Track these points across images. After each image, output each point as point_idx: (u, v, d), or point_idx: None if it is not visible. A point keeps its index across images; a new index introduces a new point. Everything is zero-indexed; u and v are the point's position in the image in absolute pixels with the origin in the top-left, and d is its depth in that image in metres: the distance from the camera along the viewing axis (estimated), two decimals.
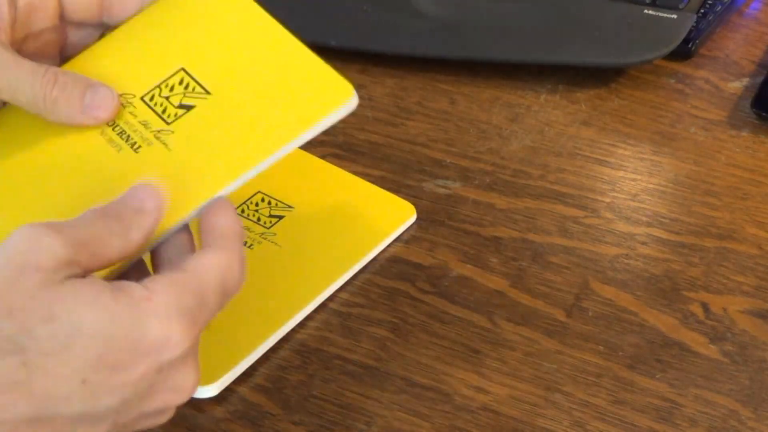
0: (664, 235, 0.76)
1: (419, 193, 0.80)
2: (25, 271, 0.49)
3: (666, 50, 0.86)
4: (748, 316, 0.71)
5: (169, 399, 0.52)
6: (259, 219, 0.75)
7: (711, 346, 0.69)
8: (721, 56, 0.89)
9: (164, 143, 0.61)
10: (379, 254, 0.76)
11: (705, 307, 0.71)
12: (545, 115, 0.86)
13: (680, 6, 0.88)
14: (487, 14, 0.90)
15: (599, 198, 0.79)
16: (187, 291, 0.52)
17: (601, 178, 0.80)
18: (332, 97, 0.61)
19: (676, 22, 0.87)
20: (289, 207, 0.76)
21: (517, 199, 0.79)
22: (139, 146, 0.60)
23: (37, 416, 0.49)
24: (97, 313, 0.49)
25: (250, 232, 0.74)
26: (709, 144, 0.82)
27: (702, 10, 0.89)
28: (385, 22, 0.92)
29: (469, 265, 0.75)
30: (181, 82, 0.62)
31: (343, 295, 0.74)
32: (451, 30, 0.90)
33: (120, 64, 0.63)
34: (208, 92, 0.62)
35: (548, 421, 0.66)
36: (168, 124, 0.61)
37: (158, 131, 0.61)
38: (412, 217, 0.78)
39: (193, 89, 0.62)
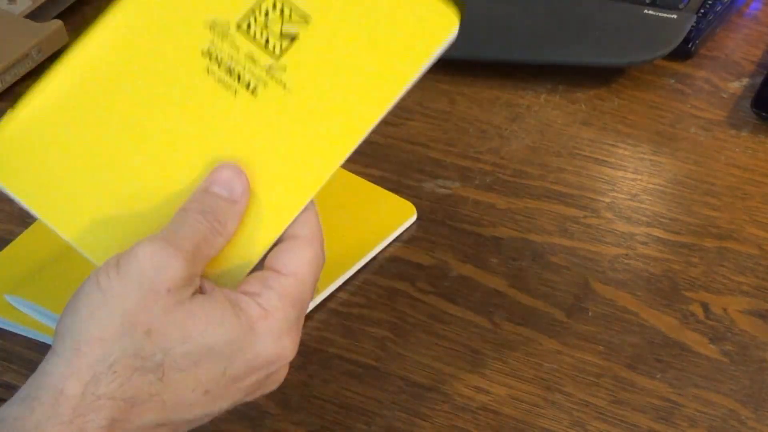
0: (664, 235, 0.76)
1: (419, 193, 0.80)
2: (159, 293, 0.53)
3: (666, 50, 0.86)
4: (748, 316, 0.71)
5: (265, 390, 0.57)
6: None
7: (711, 346, 0.69)
8: (721, 56, 0.89)
9: (281, 82, 0.57)
10: (378, 254, 0.76)
11: (705, 307, 0.71)
12: (545, 115, 0.86)
13: (680, 6, 0.88)
14: (487, 14, 0.90)
15: (599, 198, 0.79)
16: (295, 302, 0.55)
17: (601, 178, 0.80)
18: (439, 24, 0.59)
19: (676, 22, 0.87)
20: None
21: (517, 199, 0.79)
22: (255, 86, 0.57)
23: (163, 422, 0.54)
24: (223, 333, 0.54)
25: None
26: (709, 144, 0.82)
27: (702, 10, 0.89)
28: None
29: (469, 265, 0.75)
30: (274, 6, 0.58)
31: (343, 295, 0.74)
32: None
33: None
34: (307, 16, 0.57)
35: (548, 421, 0.66)
36: (276, 58, 0.57)
37: (269, 67, 0.57)
38: (413, 217, 0.78)
39: (290, 14, 0.58)
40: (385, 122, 0.86)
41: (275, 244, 0.57)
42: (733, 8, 0.92)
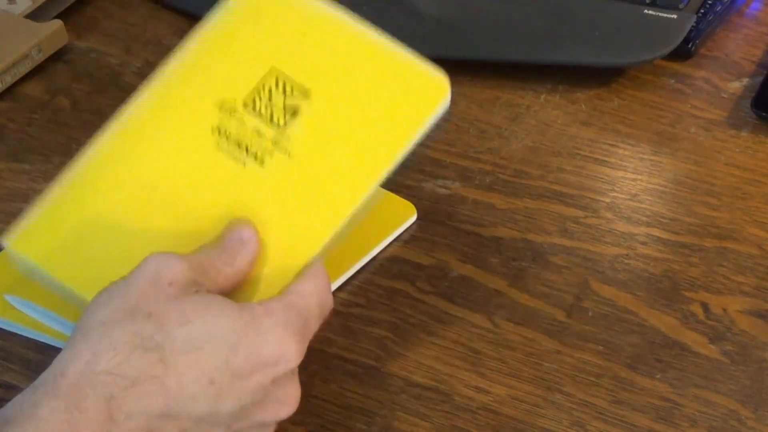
0: (664, 235, 0.76)
1: (419, 193, 0.80)
2: (160, 284, 0.55)
3: (666, 50, 0.86)
4: (748, 316, 0.71)
5: (277, 410, 0.57)
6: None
7: (711, 346, 0.69)
8: (721, 56, 0.89)
9: (285, 151, 0.62)
10: (379, 254, 0.76)
11: (705, 307, 0.71)
12: (545, 115, 0.86)
13: (680, 6, 0.88)
14: (487, 14, 0.90)
15: (599, 198, 0.79)
16: (298, 312, 0.57)
17: (601, 178, 0.80)
18: (431, 94, 0.64)
19: (676, 22, 0.87)
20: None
21: (517, 199, 0.79)
22: (262, 157, 0.62)
23: (167, 412, 0.54)
24: (225, 321, 0.55)
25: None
26: (709, 144, 0.82)
27: (702, 10, 0.89)
28: (385, 22, 0.91)
29: (469, 265, 0.75)
30: (277, 84, 0.63)
31: (343, 295, 0.74)
32: (451, 30, 0.90)
33: (210, 70, 0.64)
34: (307, 91, 0.62)
35: (548, 421, 0.66)
36: (281, 131, 0.62)
37: (274, 139, 0.62)
38: (413, 217, 0.78)
39: (292, 90, 0.63)
40: None
41: None
42: (733, 8, 0.92)
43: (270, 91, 0.63)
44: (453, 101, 0.87)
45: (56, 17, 0.95)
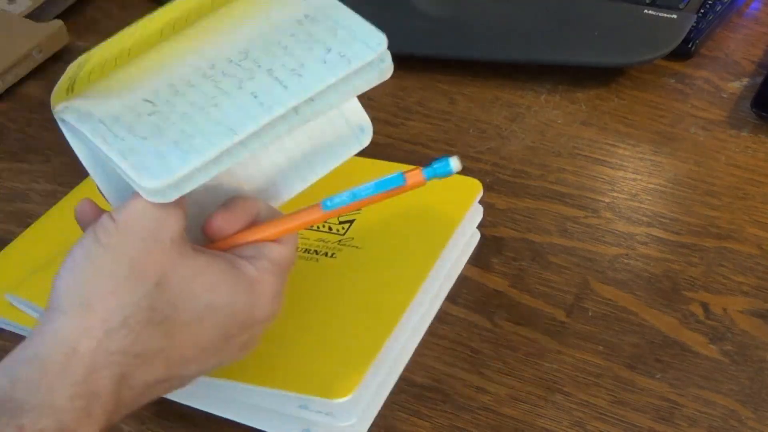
0: (664, 235, 0.76)
1: None
2: (163, 243, 0.54)
3: (666, 50, 0.86)
4: (748, 316, 0.71)
5: (248, 350, 0.59)
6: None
7: (711, 346, 0.69)
8: (721, 56, 0.89)
9: (353, 246, 0.71)
10: None
11: (705, 307, 0.71)
12: (545, 115, 0.86)
13: (680, 6, 0.88)
14: (487, 14, 0.90)
15: (599, 198, 0.79)
16: (282, 275, 0.59)
17: (601, 178, 0.80)
18: (467, 191, 0.73)
19: (676, 22, 0.87)
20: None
21: (517, 199, 0.79)
22: (333, 254, 0.71)
23: (164, 378, 0.55)
24: (225, 290, 0.56)
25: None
26: (709, 144, 0.82)
27: (702, 10, 0.89)
28: (385, 22, 0.91)
29: (469, 265, 0.75)
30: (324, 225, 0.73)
31: None
32: (451, 30, 0.90)
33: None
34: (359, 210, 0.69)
35: (548, 421, 0.66)
36: (342, 235, 0.72)
37: (339, 241, 0.71)
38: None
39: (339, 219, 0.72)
40: (385, 122, 0.86)
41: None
42: (733, 8, 0.92)
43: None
44: (453, 101, 0.88)
45: (56, 17, 0.95)
